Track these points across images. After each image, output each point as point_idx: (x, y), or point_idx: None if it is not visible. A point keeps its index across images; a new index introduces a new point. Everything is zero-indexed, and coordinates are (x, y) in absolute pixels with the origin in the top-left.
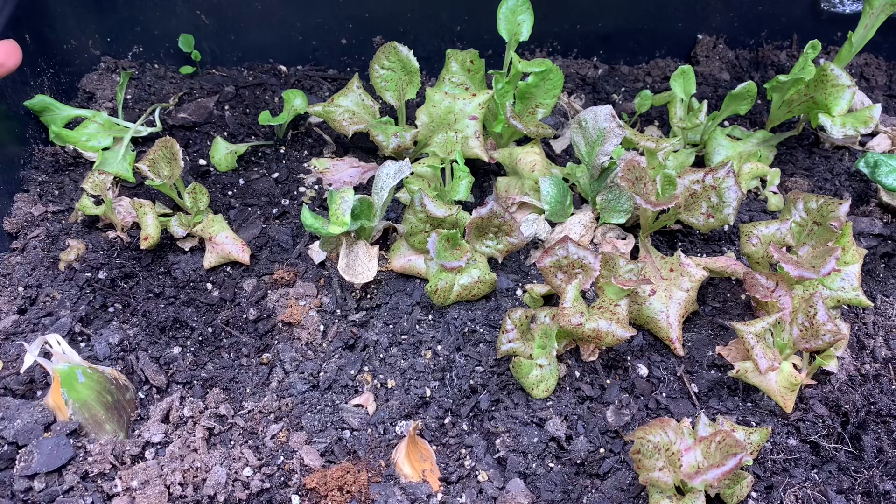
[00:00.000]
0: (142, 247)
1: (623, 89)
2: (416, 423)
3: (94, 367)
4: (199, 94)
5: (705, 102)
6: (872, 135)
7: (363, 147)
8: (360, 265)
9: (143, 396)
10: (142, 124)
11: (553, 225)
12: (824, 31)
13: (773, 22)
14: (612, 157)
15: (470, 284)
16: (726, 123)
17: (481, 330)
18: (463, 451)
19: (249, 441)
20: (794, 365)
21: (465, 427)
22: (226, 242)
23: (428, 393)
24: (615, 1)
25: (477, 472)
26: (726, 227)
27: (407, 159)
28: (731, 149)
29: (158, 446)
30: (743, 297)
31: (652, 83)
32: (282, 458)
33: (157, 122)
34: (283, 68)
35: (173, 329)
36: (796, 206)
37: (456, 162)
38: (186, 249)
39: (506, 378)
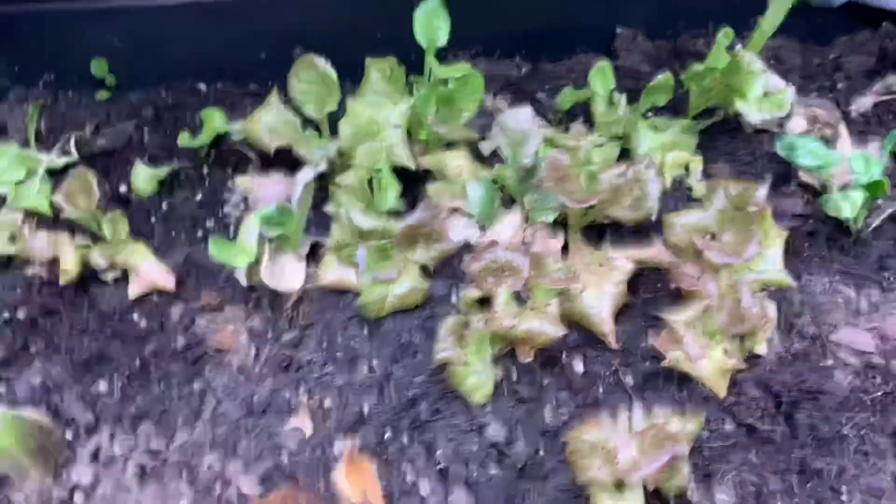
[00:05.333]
0: (61, 282)
1: (547, 87)
2: (353, 442)
3: (14, 413)
4: (116, 119)
5: (624, 96)
6: (790, 116)
7: (289, 162)
8: (285, 274)
9: (70, 437)
10: (57, 154)
11: (483, 228)
12: (739, 17)
13: (689, 11)
14: (536, 157)
15: (403, 294)
16: (649, 115)
17: (418, 340)
18: (405, 464)
19: (184, 474)
20: (725, 350)
21: (405, 440)
22: (150, 270)
23: (366, 409)
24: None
25: (419, 485)
26: (653, 217)
27: (323, 162)
28: (654, 139)
29: (88, 488)
30: (673, 285)
31: (575, 79)
32: (219, 488)
33: (74, 151)
34: (203, 87)
35: (99, 364)
36: (717, 193)
37: (382, 172)
38: (110, 281)
39: (444, 386)
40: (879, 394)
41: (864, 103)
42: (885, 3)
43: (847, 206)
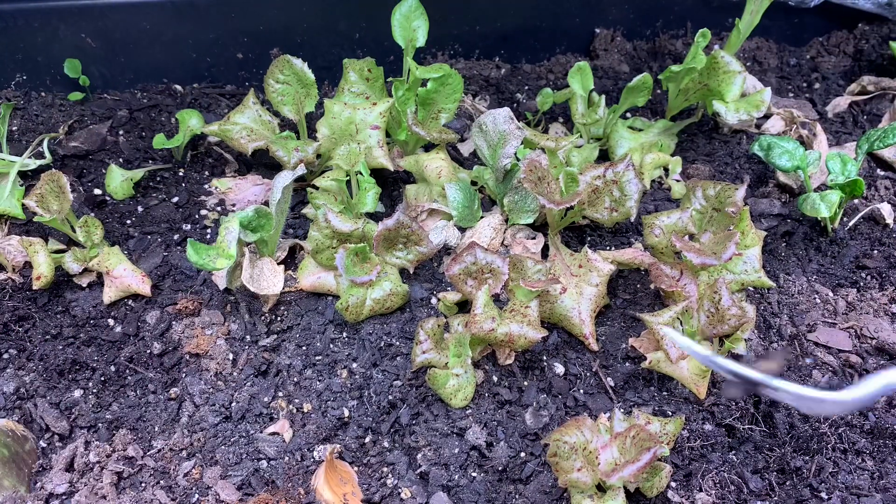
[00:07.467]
0: (35, 287)
1: (526, 88)
2: (332, 448)
3: None
4: (90, 120)
5: (603, 97)
6: (767, 117)
7: (267, 164)
8: (266, 278)
9: (44, 445)
10: (30, 157)
11: (463, 230)
12: (716, 17)
13: (667, 12)
14: (516, 158)
15: (382, 298)
16: (629, 115)
17: (397, 343)
18: (385, 469)
19: (161, 481)
20: None
21: (385, 444)
22: (125, 275)
23: (346, 413)
24: (512, 0)
25: (400, 490)
26: (633, 219)
27: (301, 165)
28: (633, 140)
29: (63, 497)
30: (652, 286)
31: (554, 80)
32: (196, 495)
33: (47, 154)
34: (179, 87)
35: (73, 371)
36: (695, 193)
37: (361, 174)
38: (84, 285)
39: (424, 390)
40: None
41: (839, 104)
42: (859, 4)
43: (824, 206)
